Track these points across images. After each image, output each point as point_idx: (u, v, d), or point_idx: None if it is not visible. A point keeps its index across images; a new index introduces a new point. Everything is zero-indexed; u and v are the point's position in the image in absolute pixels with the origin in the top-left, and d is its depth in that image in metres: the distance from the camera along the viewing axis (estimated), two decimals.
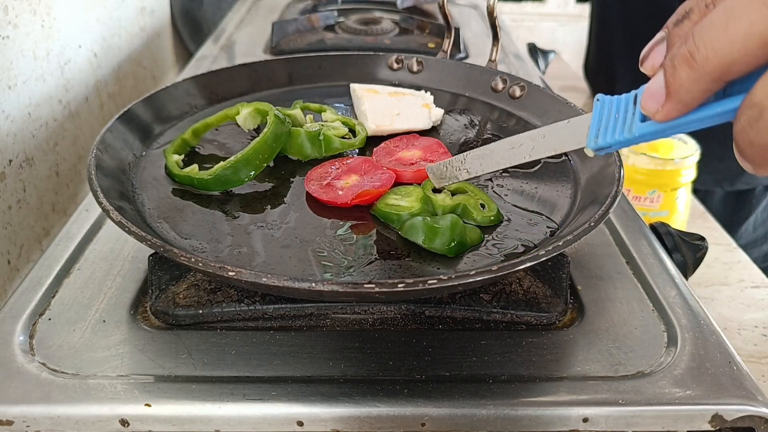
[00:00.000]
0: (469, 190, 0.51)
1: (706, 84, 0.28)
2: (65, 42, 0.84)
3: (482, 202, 0.50)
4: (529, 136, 0.42)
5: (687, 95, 0.29)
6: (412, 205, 0.49)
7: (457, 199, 0.50)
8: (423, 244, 0.46)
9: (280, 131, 0.55)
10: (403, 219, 0.48)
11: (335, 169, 0.55)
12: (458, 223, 0.46)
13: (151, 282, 0.46)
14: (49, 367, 0.41)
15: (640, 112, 0.32)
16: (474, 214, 0.49)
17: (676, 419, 0.39)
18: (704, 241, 0.59)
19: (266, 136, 0.54)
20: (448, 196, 0.51)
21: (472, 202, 0.50)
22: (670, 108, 0.29)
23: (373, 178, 0.53)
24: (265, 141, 0.54)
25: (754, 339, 0.65)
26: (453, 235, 0.45)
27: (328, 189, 0.52)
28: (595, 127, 0.35)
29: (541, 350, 0.43)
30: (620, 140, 0.33)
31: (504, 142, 0.44)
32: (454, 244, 0.45)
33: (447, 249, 0.45)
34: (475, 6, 1.28)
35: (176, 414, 0.39)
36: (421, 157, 0.56)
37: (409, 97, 0.65)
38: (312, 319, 0.46)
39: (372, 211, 0.50)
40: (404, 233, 0.47)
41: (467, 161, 0.46)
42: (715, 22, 0.27)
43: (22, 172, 0.72)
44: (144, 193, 0.52)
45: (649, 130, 0.32)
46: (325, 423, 0.39)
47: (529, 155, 0.42)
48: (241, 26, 1.17)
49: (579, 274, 0.51)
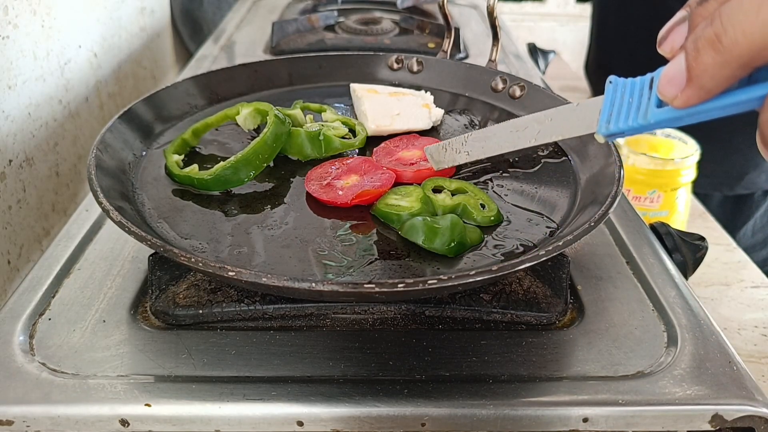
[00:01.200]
0: (469, 190, 0.51)
1: (732, 70, 0.26)
2: (65, 42, 0.84)
3: (482, 202, 0.50)
4: (535, 118, 0.39)
5: (710, 81, 0.27)
6: (412, 205, 0.49)
7: (458, 199, 0.50)
8: (423, 244, 0.46)
9: (280, 131, 0.55)
10: (403, 219, 0.48)
11: (335, 169, 0.55)
12: (458, 223, 0.46)
13: (151, 282, 0.46)
14: (49, 367, 0.41)
15: (656, 97, 0.30)
16: (474, 214, 0.49)
17: (676, 419, 0.39)
18: (704, 241, 0.59)
19: (266, 136, 0.54)
20: (448, 196, 0.51)
21: (472, 202, 0.50)
22: (691, 94, 0.27)
23: (373, 178, 0.53)
24: (264, 141, 0.54)
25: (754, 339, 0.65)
26: (453, 235, 0.45)
27: (328, 189, 0.52)
28: (606, 112, 0.33)
29: (541, 350, 0.43)
30: (634, 126, 0.31)
31: (507, 124, 0.41)
32: (454, 244, 0.45)
33: (447, 249, 0.45)
34: (475, 6, 1.28)
35: (176, 414, 0.39)
36: (421, 157, 0.56)
37: (409, 97, 0.65)
38: (312, 319, 0.46)
39: (372, 211, 0.50)
40: (404, 233, 0.47)
41: (468, 143, 0.43)
42: (746, 3, 0.25)
43: (22, 172, 0.72)
44: (144, 193, 0.52)
45: (665, 117, 0.30)
46: (325, 423, 0.39)
47: (534, 139, 0.39)
48: (241, 26, 1.17)
49: (579, 274, 0.51)
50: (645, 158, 0.78)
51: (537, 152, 0.59)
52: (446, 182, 0.53)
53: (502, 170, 0.57)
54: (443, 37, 0.77)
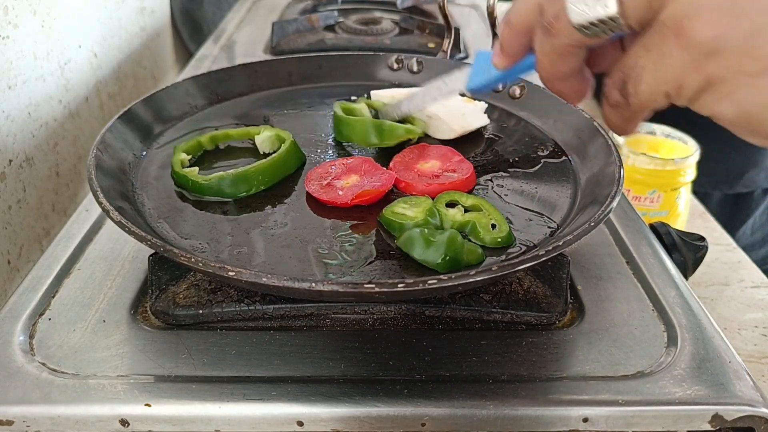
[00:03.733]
0: (484, 208, 0.49)
1: (518, 38, 0.39)
2: (65, 42, 0.84)
3: (495, 222, 0.48)
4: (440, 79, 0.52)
5: (509, 48, 0.40)
6: (416, 215, 0.48)
7: (469, 217, 0.48)
8: (416, 256, 0.44)
9: (292, 160, 0.56)
10: (405, 228, 0.46)
11: (335, 169, 0.55)
12: (456, 240, 0.44)
13: (151, 282, 0.46)
14: (49, 367, 0.41)
15: None
16: (482, 233, 0.47)
17: (676, 419, 0.39)
18: (704, 241, 0.59)
19: (275, 159, 0.54)
20: (460, 212, 0.49)
21: (483, 221, 0.48)
22: (502, 58, 0.42)
23: (373, 178, 0.53)
24: (271, 164, 0.54)
25: (754, 339, 0.65)
26: (447, 251, 0.44)
27: (328, 189, 0.52)
28: (471, 75, 0.47)
29: (541, 350, 0.43)
30: (482, 82, 0.46)
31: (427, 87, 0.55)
32: (447, 259, 0.44)
33: (438, 264, 0.44)
34: (475, 6, 1.28)
35: (176, 414, 0.39)
36: (440, 169, 0.55)
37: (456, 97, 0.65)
38: (312, 319, 0.46)
39: (378, 217, 0.50)
40: (400, 244, 0.46)
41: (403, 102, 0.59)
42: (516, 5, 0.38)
43: (22, 172, 0.72)
44: (144, 193, 0.52)
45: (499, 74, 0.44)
46: (325, 423, 0.39)
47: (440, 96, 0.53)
48: (241, 26, 1.17)
49: (579, 274, 0.51)
50: (645, 158, 0.78)
51: (537, 152, 0.59)
52: (462, 197, 0.51)
53: (502, 170, 0.57)
54: (443, 37, 0.77)
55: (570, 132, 0.60)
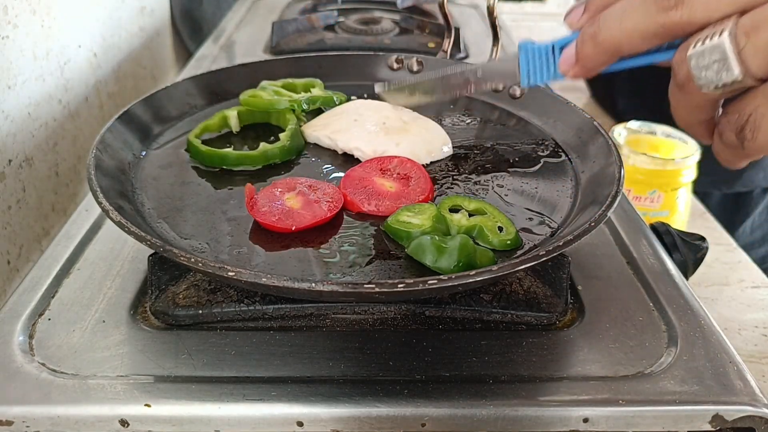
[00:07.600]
0: (488, 212, 0.49)
1: (604, 57, 0.39)
2: (65, 42, 0.84)
3: (501, 224, 0.48)
4: (469, 69, 0.50)
5: (590, 63, 0.40)
6: (423, 223, 0.47)
7: (474, 221, 0.48)
8: (429, 264, 0.44)
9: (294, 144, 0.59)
10: (413, 236, 0.46)
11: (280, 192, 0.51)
12: (468, 244, 0.44)
13: (150, 282, 0.46)
14: (48, 367, 0.41)
15: None
16: (490, 237, 0.47)
17: (677, 419, 0.39)
18: (704, 241, 0.59)
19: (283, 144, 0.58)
20: (465, 217, 0.49)
21: (489, 225, 0.47)
22: (578, 71, 0.41)
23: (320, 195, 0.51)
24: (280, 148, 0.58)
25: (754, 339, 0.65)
26: (460, 257, 0.43)
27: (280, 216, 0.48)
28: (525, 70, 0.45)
29: (541, 350, 0.43)
30: (546, 81, 0.45)
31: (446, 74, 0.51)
32: (461, 265, 0.43)
33: (452, 270, 0.43)
34: (475, 6, 1.28)
35: (176, 414, 0.39)
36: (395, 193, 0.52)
37: None
38: (312, 319, 0.46)
39: (383, 227, 0.49)
40: (411, 252, 0.45)
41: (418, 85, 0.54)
42: (614, 13, 0.37)
43: (21, 172, 0.72)
44: (144, 193, 0.52)
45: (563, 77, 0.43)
46: (325, 423, 0.39)
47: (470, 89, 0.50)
48: (241, 26, 1.17)
49: (579, 274, 0.51)
50: (645, 158, 0.78)
51: (537, 152, 0.59)
52: (465, 202, 0.51)
53: (502, 170, 0.57)
54: (443, 37, 0.77)
55: (570, 132, 0.60)
